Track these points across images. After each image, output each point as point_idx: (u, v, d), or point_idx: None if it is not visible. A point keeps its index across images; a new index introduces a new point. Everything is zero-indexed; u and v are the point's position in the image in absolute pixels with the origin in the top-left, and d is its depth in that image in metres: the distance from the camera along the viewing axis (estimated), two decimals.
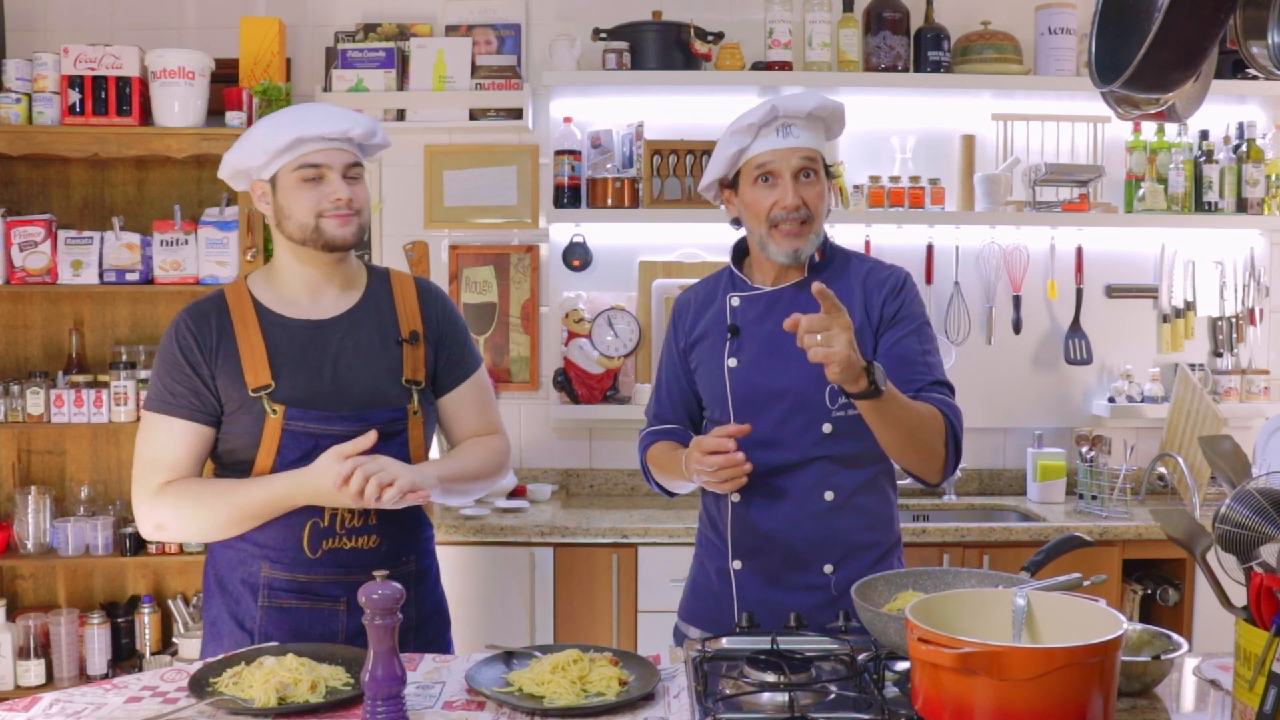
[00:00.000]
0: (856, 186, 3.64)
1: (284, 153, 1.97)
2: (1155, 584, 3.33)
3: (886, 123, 3.70)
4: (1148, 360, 3.81)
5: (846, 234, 3.65)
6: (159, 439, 1.97)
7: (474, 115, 3.68)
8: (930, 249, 3.75)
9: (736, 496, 2.09)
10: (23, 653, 3.36)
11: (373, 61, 3.62)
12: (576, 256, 3.72)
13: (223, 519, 1.95)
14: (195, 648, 3.40)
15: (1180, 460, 3.40)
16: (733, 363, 2.09)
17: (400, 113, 3.66)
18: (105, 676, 3.40)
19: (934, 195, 3.67)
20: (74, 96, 3.34)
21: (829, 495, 2.05)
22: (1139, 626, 1.77)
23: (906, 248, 3.73)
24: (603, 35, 3.57)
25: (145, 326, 3.64)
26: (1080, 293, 3.78)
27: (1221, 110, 3.73)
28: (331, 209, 1.97)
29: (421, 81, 3.63)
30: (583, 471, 3.81)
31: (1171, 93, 1.70)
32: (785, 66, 3.58)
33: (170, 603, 3.52)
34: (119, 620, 3.50)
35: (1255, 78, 3.37)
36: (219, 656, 1.81)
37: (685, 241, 3.75)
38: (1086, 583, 1.71)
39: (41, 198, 3.63)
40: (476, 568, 3.22)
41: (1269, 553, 1.57)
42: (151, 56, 3.36)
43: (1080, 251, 3.76)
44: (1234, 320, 3.79)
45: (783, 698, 1.56)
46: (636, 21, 3.59)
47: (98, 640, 3.44)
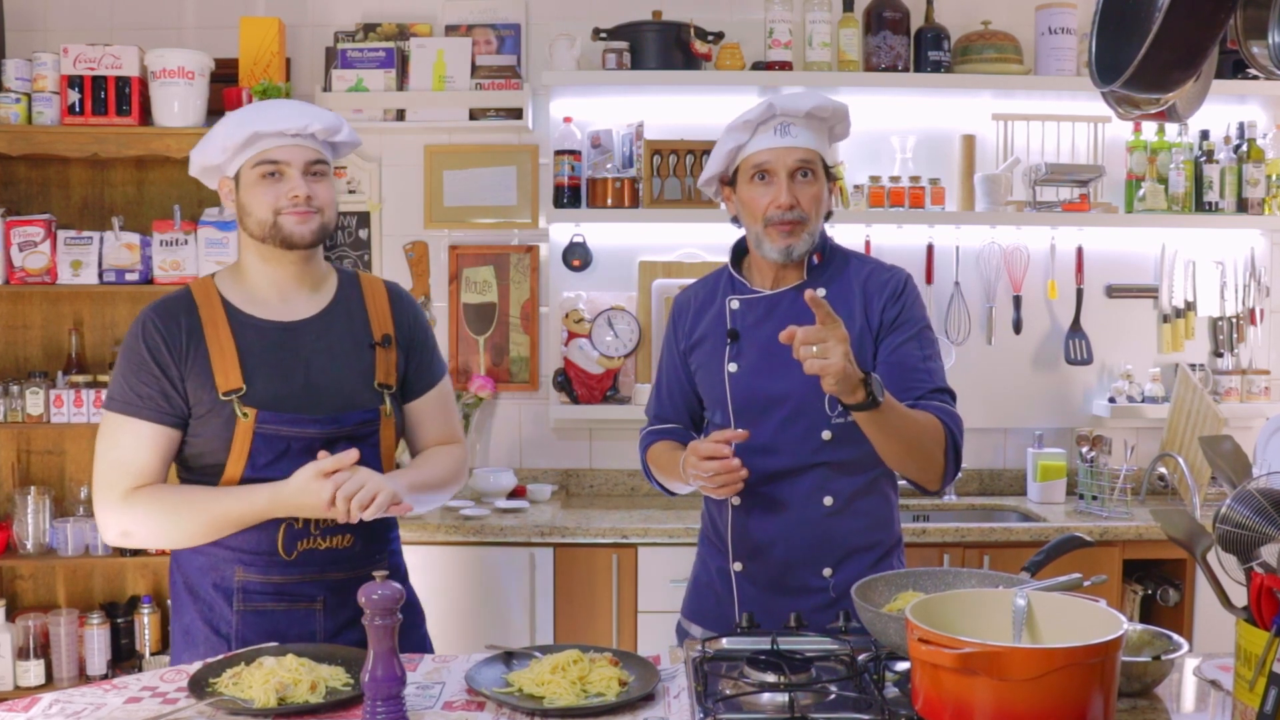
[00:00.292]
0: (856, 186, 3.64)
1: (242, 149, 1.95)
2: (1155, 584, 3.33)
3: (887, 123, 3.69)
4: (1148, 360, 3.81)
5: (846, 234, 3.65)
6: (124, 441, 1.93)
7: (474, 115, 3.68)
8: (930, 249, 3.75)
9: (736, 500, 2.09)
10: (22, 653, 3.36)
11: (372, 61, 3.62)
12: (576, 256, 3.72)
13: (196, 529, 1.91)
14: None
15: (1181, 460, 3.40)
16: (733, 367, 2.09)
17: (400, 113, 3.66)
18: (105, 677, 3.40)
19: (934, 195, 3.66)
20: (73, 96, 3.34)
21: (828, 500, 2.05)
22: (1139, 627, 1.77)
23: (907, 248, 3.72)
24: (603, 35, 3.57)
25: None
26: (1080, 293, 3.77)
27: (1222, 110, 3.73)
28: (289, 206, 1.94)
29: (421, 81, 3.63)
30: (583, 472, 3.81)
31: (1172, 93, 1.70)
32: (785, 66, 3.58)
33: (170, 603, 3.51)
34: (118, 620, 3.50)
35: (1256, 77, 3.37)
36: (218, 657, 1.81)
37: (685, 241, 3.75)
38: (1087, 583, 1.71)
39: (41, 198, 3.63)
40: (477, 568, 3.22)
41: (1269, 553, 1.56)
42: (151, 56, 3.36)
43: (1080, 251, 3.76)
44: (1234, 320, 3.79)
45: (783, 698, 1.56)
46: (636, 21, 3.59)
47: (97, 640, 3.44)
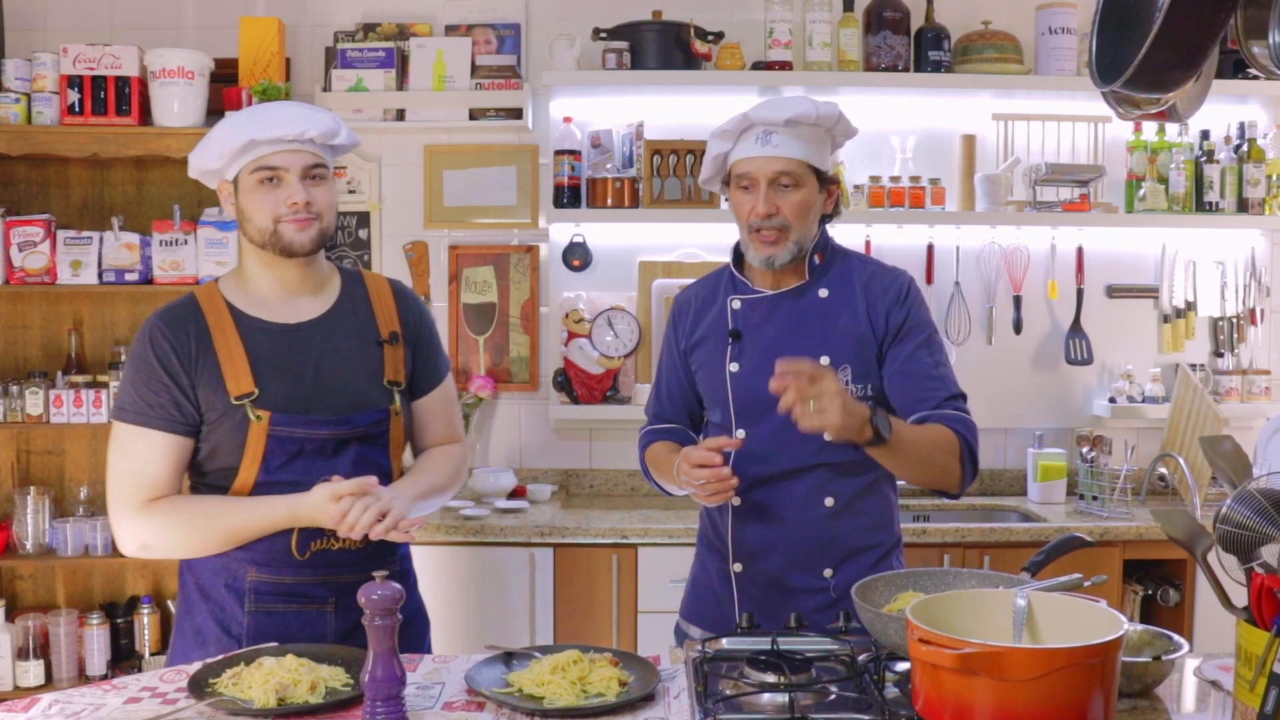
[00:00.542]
0: (857, 186, 3.64)
1: (239, 155, 1.93)
2: (1156, 584, 3.33)
3: (887, 123, 3.69)
4: (1148, 360, 3.81)
5: (846, 234, 3.65)
6: (138, 453, 1.92)
7: (474, 115, 3.68)
8: (931, 249, 3.75)
9: (737, 501, 2.09)
10: (22, 653, 3.36)
11: (372, 61, 3.61)
12: (576, 256, 3.71)
13: (214, 539, 1.92)
14: None
15: (1181, 461, 3.40)
16: (734, 367, 2.09)
17: (400, 112, 3.66)
18: (104, 677, 3.40)
19: (934, 195, 3.66)
20: (73, 96, 3.34)
21: (829, 501, 2.05)
22: (1140, 627, 1.77)
23: (907, 248, 3.72)
24: (603, 35, 3.57)
25: None
26: (1081, 293, 3.77)
27: (1222, 110, 3.73)
28: (289, 213, 1.93)
29: (421, 81, 3.63)
30: (583, 472, 3.81)
31: (1172, 92, 1.70)
32: (785, 66, 3.58)
33: (169, 603, 3.51)
34: (118, 621, 3.50)
35: (1256, 77, 3.37)
36: (218, 657, 1.81)
37: (685, 241, 3.74)
38: (1087, 583, 1.71)
39: (41, 198, 3.62)
40: (476, 568, 3.22)
41: (1270, 553, 1.56)
42: (151, 56, 3.36)
43: (1081, 251, 3.76)
44: (1235, 320, 3.78)
45: (783, 698, 1.56)
46: (636, 21, 3.58)
47: (97, 641, 3.43)
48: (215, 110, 3.43)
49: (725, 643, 1.80)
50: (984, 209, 3.67)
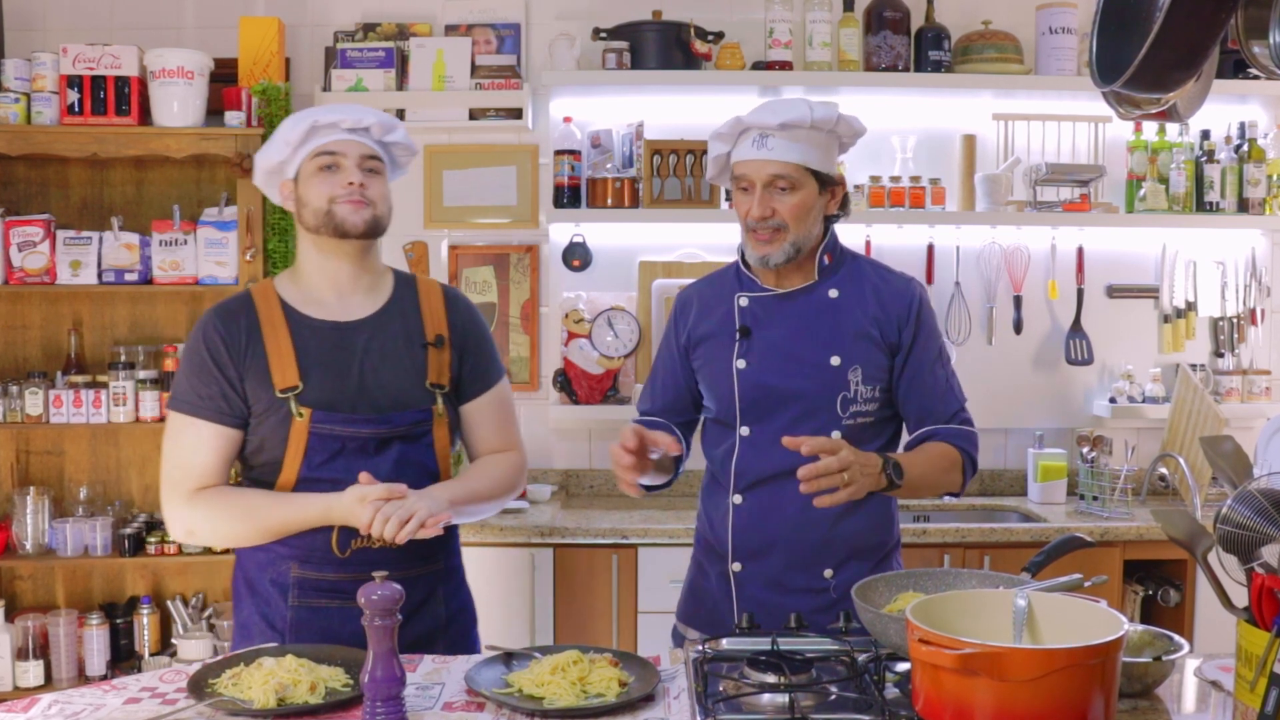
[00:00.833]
0: (857, 186, 3.64)
1: (302, 143, 2.01)
2: (1156, 585, 3.33)
3: (887, 122, 3.69)
4: (1149, 360, 3.80)
5: (847, 234, 3.61)
6: (188, 442, 1.98)
7: (474, 115, 3.68)
8: (931, 249, 3.74)
9: (739, 499, 2.08)
10: (21, 654, 3.36)
11: (372, 61, 3.61)
12: (576, 256, 3.71)
13: (253, 532, 1.97)
14: (194, 648, 3.40)
15: (1181, 461, 3.39)
16: (742, 364, 2.08)
17: (400, 112, 3.65)
18: (104, 677, 3.40)
19: (935, 195, 3.66)
20: (73, 96, 3.34)
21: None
22: (1140, 627, 1.77)
23: (907, 248, 3.72)
24: (603, 35, 3.57)
25: (144, 327, 3.64)
26: (1081, 293, 3.77)
27: (1223, 110, 3.73)
28: (344, 195, 1.99)
29: (421, 81, 3.63)
30: (583, 472, 3.81)
31: (1172, 92, 1.70)
32: (785, 66, 3.57)
33: (169, 604, 3.51)
34: (118, 621, 3.50)
35: (1257, 77, 3.37)
36: (218, 658, 1.81)
37: (685, 241, 3.74)
38: (1087, 583, 1.71)
39: (40, 198, 3.62)
40: (476, 569, 3.19)
41: (1270, 553, 1.56)
42: (150, 56, 3.36)
43: (1081, 251, 3.76)
44: (1235, 320, 3.78)
45: (783, 699, 1.56)
46: (636, 21, 3.58)
47: (96, 641, 3.43)
48: (215, 110, 3.43)
49: (725, 643, 1.80)
50: (984, 209, 3.67)
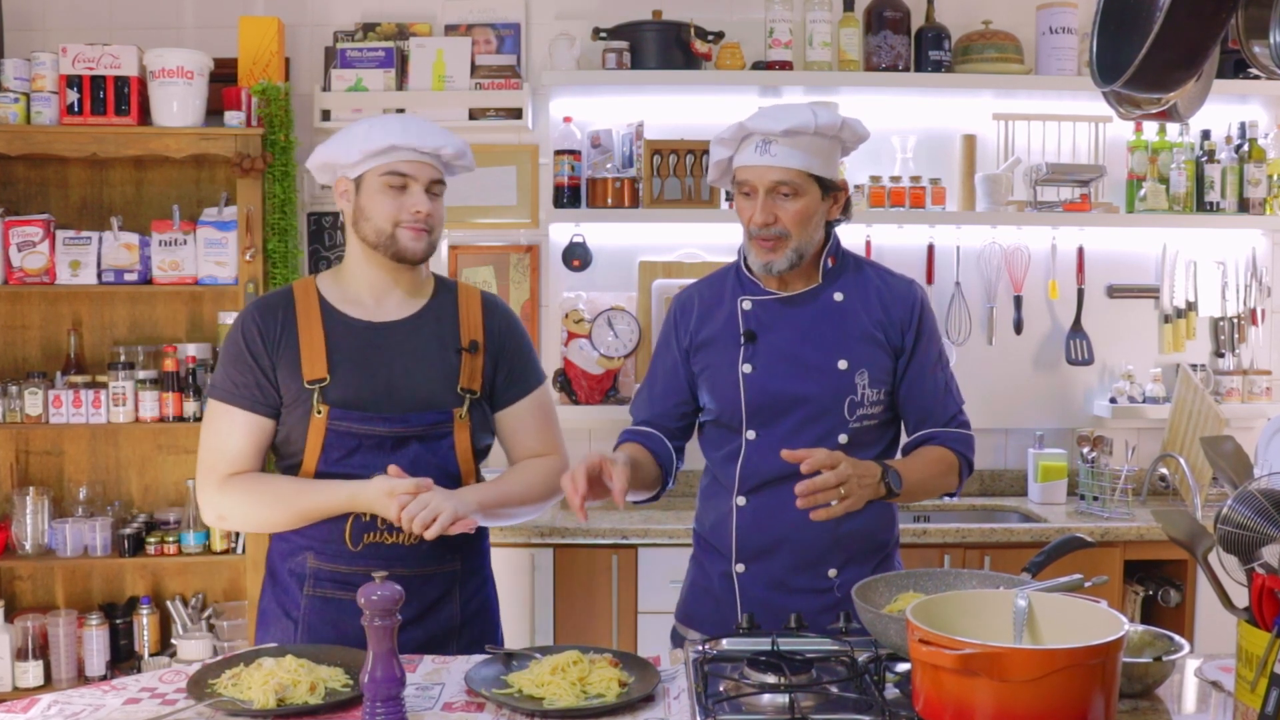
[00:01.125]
0: (857, 186, 3.63)
1: (377, 155, 2.01)
2: (1157, 585, 3.33)
3: (887, 122, 3.68)
4: (1149, 360, 3.80)
5: (847, 234, 3.61)
6: (223, 429, 2.03)
7: (473, 115, 3.67)
8: (931, 249, 3.74)
9: (743, 501, 2.08)
10: (21, 654, 3.35)
11: (372, 61, 3.61)
12: (576, 256, 3.71)
13: (281, 517, 2.01)
14: (194, 649, 3.40)
15: (1182, 461, 3.39)
16: (747, 369, 2.08)
17: (399, 112, 3.65)
18: (104, 678, 3.39)
19: (935, 195, 3.66)
20: (72, 96, 3.33)
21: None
22: (1140, 628, 1.77)
23: (907, 248, 3.72)
24: (603, 35, 3.57)
25: (144, 327, 3.64)
26: (1081, 293, 3.77)
27: (1223, 110, 3.73)
28: (410, 220, 2.02)
29: (421, 81, 3.63)
30: None
31: (1173, 92, 1.70)
32: (786, 66, 3.57)
33: (169, 604, 3.51)
34: (117, 621, 3.49)
35: (1257, 77, 3.36)
36: (217, 658, 1.81)
37: (685, 241, 3.74)
38: (1088, 584, 1.71)
39: (40, 198, 3.62)
40: None
41: (1271, 554, 1.56)
42: (150, 56, 3.35)
43: (1081, 251, 3.76)
44: (1235, 320, 3.78)
45: (783, 699, 1.56)
46: (636, 21, 3.58)
47: (96, 641, 3.43)
48: (215, 110, 3.42)
49: (725, 643, 1.80)
50: (984, 209, 3.67)
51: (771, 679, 1.60)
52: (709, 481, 2.19)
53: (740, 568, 2.09)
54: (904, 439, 2.18)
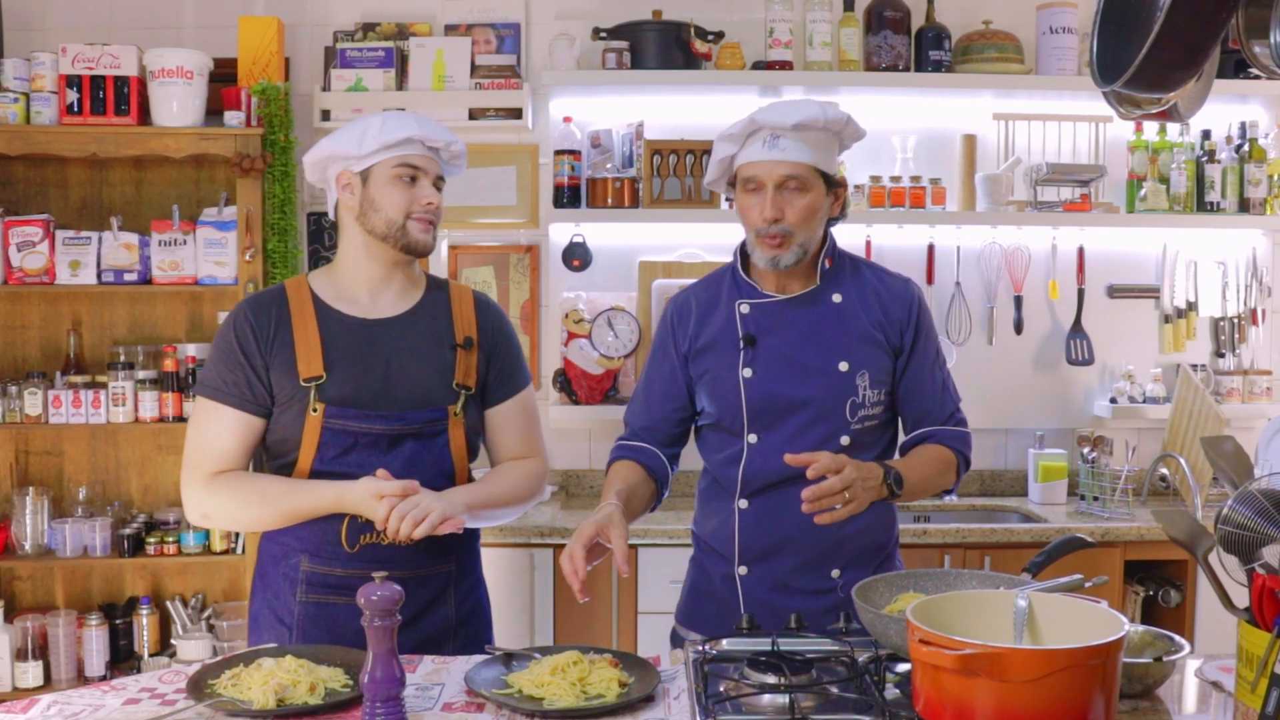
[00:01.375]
0: (857, 186, 3.63)
1: (394, 148, 2.03)
2: (1157, 585, 3.33)
3: (887, 122, 3.68)
4: (1149, 361, 3.80)
5: (847, 234, 3.64)
6: (210, 426, 2.02)
7: (473, 115, 3.67)
8: (931, 249, 3.74)
9: (745, 504, 2.08)
10: (20, 654, 3.35)
11: (372, 61, 3.61)
12: (576, 256, 3.71)
13: (266, 516, 1.99)
14: (193, 649, 3.39)
15: (1182, 461, 3.39)
16: (748, 372, 2.07)
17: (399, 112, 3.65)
18: (103, 678, 3.39)
19: (935, 195, 3.66)
20: (72, 96, 3.33)
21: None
22: (1141, 628, 1.77)
23: (907, 248, 3.72)
24: (602, 35, 3.57)
25: (143, 327, 3.64)
26: (1082, 293, 3.77)
27: (1224, 110, 3.73)
28: (421, 212, 2.04)
29: (421, 81, 3.63)
30: (583, 472, 3.80)
31: (1173, 92, 1.69)
32: (786, 66, 3.57)
33: (168, 604, 3.51)
34: (117, 622, 3.49)
35: (1258, 77, 3.36)
36: (217, 659, 1.80)
37: (685, 241, 3.74)
38: (1088, 584, 1.70)
39: (39, 198, 3.62)
40: None
41: (1271, 554, 1.56)
42: (150, 56, 3.35)
43: (1082, 251, 3.76)
44: (1236, 321, 3.78)
45: (783, 699, 1.55)
46: (636, 21, 3.58)
47: (96, 642, 3.43)
48: (214, 110, 3.42)
49: (725, 643, 1.80)
50: (985, 209, 3.67)
51: (772, 679, 1.60)
52: (708, 484, 2.18)
53: (743, 570, 2.09)
54: (901, 437, 2.18)
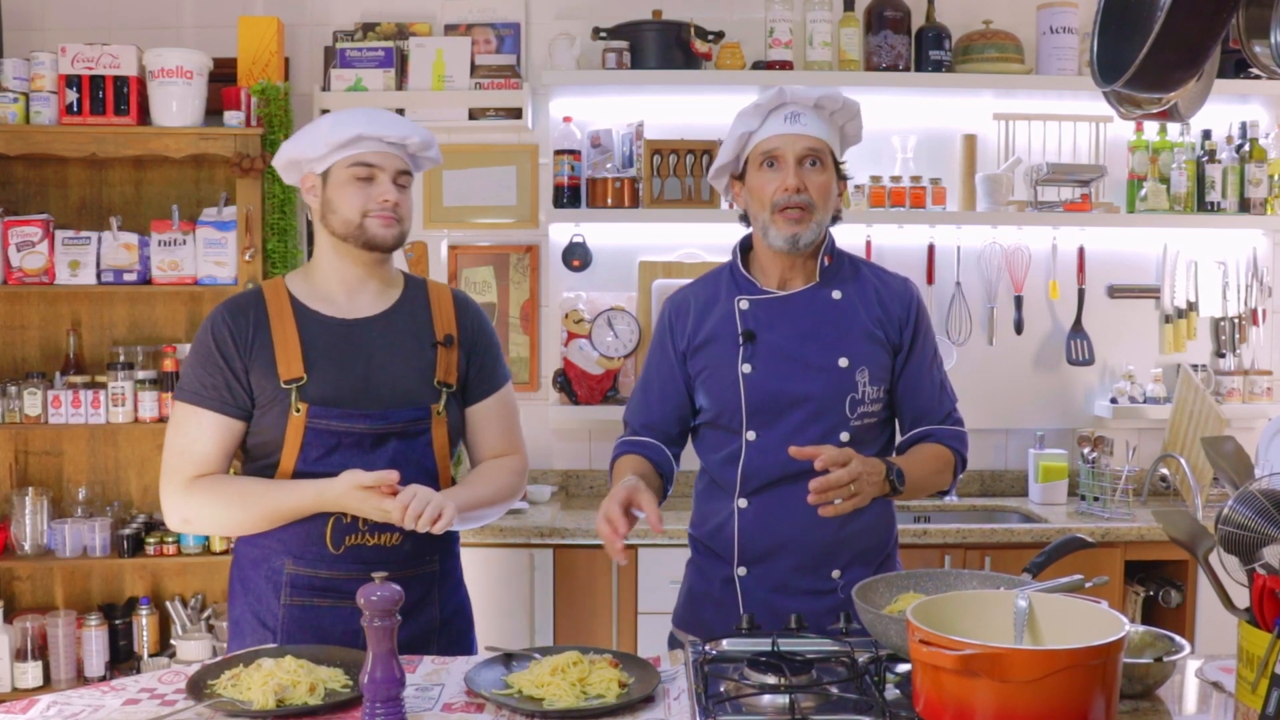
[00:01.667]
0: (857, 186, 3.63)
1: (343, 147, 2.01)
2: (1157, 585, 3.32)
3: (887, 122, 3.68)
4: (1150, 361, 3.80)
5: (847, 234, 3.64)
6: (190, 430, 2.00)
7: (473, 115, 3.67)
8: (931, 249, 3.74)
9: (744, 503, 2.07)
10: (20, 655, 3.35)
11: (371, 61, 3.61)
12: (576, 256, 3.71)
13: (248, 520, 1.98)
14: (193, 649, 3.39)
15: (1182, 461, 3.39)
16: (747, 369, 2.07)
17: (399, 112, 3.64)
18: (103, 678, 3.39)
19: (935, 195, 3.66)
20: (71, 96, 3.33)
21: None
22: (1141, 628, 1.76)
23: (908, 248, 3.72)
24: (603, 34, 3.57)
25: (143, 327, 3.64)
26: (1082, 293, 3.77)
27: (1224, 110, 3.73)
28: (378, 209, 2.01)
29: (420, 81, 3.63)
30: (582, 473, 3.80)
31: (1174, 92, 1.69)
32: (786, 66, 3.57)
33: (168, 604, 3.51)
34: (117, 622, 3.49)
35: (1258, 77, 3.35)
36: (216, 659, 1.80)
37: (685, 241, 3.74)
38: (1088, 584, 1.70)
39: (39, 198, 3.62)
40: (476, 569, 3.20)
41: (1271, 554, 1.56)
42: (149, 56, 3.35)
43: (1082, 251, 3.76)
44: (1236, 321, 3.78)
45: (783, 700, 1.55)
46: (636, 21, 3.58)
47: (95, 642, 3.42)
48: (214, 110, 3.42)
49: (725, 644, 1.79)
50: (985, 209, 3.66)
51: (772, 680, 1.60)
52: (706, 485, 2.17)
53: (742, 571, 2.08)
54: (898, 436, 2.17)
